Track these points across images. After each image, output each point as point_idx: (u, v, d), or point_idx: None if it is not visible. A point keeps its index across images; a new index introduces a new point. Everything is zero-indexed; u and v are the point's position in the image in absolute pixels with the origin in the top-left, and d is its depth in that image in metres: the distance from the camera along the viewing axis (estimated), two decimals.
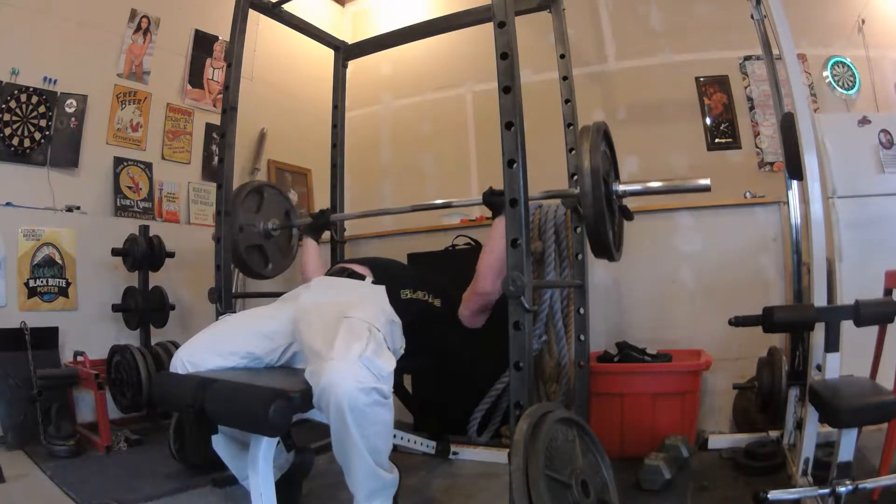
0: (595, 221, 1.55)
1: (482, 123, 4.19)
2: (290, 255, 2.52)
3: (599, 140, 1.60)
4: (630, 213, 1.78)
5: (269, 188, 2.43)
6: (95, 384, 2.50)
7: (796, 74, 1.72)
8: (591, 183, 1.53)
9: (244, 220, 2.28)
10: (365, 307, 1.55)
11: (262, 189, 2.40)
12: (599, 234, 1.57)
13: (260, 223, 2.36)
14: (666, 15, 3.80)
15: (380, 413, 1.32)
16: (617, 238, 1.74)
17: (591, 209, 1.53)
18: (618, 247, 1.74)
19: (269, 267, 2.39)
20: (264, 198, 2.38)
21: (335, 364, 1.29)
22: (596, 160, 1.55)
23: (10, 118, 2.88)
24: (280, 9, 2.44)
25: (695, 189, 1.65)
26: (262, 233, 2.36)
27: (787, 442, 2.07)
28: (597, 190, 1.53)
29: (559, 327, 2.39)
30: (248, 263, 2.29)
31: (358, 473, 1.36)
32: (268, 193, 2.40)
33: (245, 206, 2.30)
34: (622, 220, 1.84)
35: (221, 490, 1.98)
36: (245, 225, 2.28)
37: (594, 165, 1.54)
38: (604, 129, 1.68)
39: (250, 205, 2.35)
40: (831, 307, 1.62)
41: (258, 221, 2.36)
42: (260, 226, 2.35)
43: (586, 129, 1.63)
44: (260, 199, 2.37)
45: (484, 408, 2.42)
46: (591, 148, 1.56)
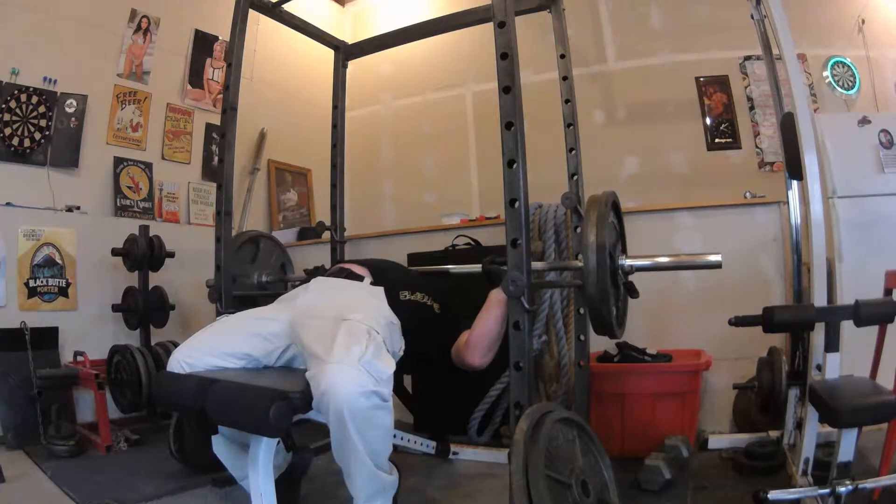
0: (599, 301, 1.45)
1: (482, 123, 4.19)
2: None
3: (608, 212, 1.51)
4: (636, 291, 1.65)
5: (265, 239, 2.37)
6: (95, 384, 2.50)
7: (796, 74, 1.72)
8: (597, 260, 1.44)
9: (237, 270, 2.21)
10: (364, 309, 1.54)
11: (258, 240, 2.34)
12: (602, 315, 1.47)
13: (254, 274, 2.29)
14: (666, 15, 3.80)
15: (380, 416, 1.31)
16: (620, 314, 1.65)
17: (594, 288, 1.43)
18: (620, 323, 1.64)
19: None
20: (260, 248, 2.32)
21: (334, 367, 1.28)
22: (602, 235, 1.45)
23: (10, 118, 2.88)
24: (280, 9, 2.44)
25: (705, 266, 1.58)
26: (255, 284, 2.29)
27: (787, 442, 2.07)
28: (602, 268, 1.43)
29: (559, 327, 2.39)
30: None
31: (358, 476, 1.36)
32: (264, 244, 2.34)
33: (240, 257, 2.24)
34: (626, 301, 1.73)
35: (221, 490, 1.98)
36: (238, 276, 2.21)
37: (600, 241, 1.44)
38: (613, 199, 1.59)
39: (245, 255, 2.29)
40: (831, 307, 1.62)
41: (252, 272, 2.29)
42: (254, 277, 2.29)
43: (594, 200, 1.54)
44: (256, 249, 2.31)
45: (484, 408, 2.41)
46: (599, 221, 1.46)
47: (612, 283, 1.49)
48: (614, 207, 1.63)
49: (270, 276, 2.34)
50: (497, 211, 3.11)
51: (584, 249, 1.46)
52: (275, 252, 2.39)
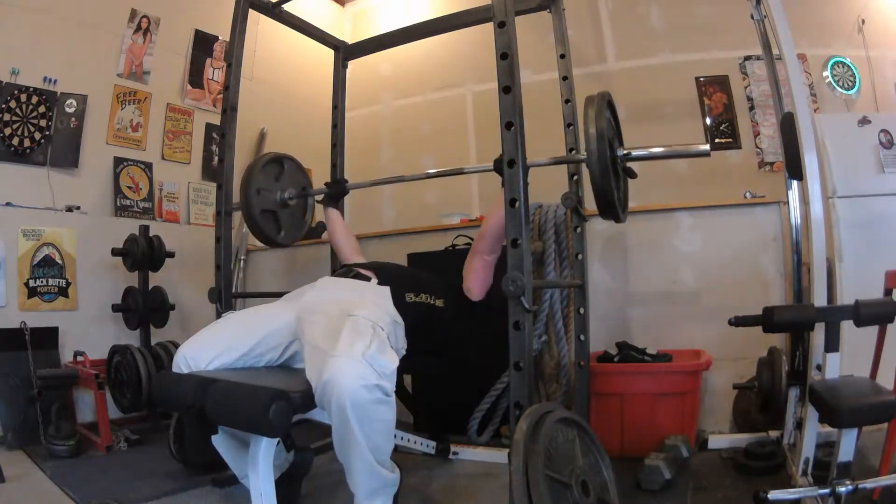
0: (601, 179, 1.55)
1: (482, 123, 4.19)
2: (303, 226, 2.51)
3: (604, 106, 1.62)
4: (633, 171, 1.78)
5: (289, 160, 2.42)
6: (95, 384, 2.50)
7: (796, 74, 1.72)
8: (597, 142, 1.54)
9: (262, 184, 2.27)
10: (369, 306, 1.56)
11: (282, 160, 2.39)
12: (606, 192, 1.58)
13: (277, 191, 2.36)
14: (666, 15, 3.80)
15: (382, 410, 1.32)
16: (622, 199, 1.76)
17: (597, 167, 1.54)
18: (623, 208, 1.76)
19: (282, 234, 2.39)
20: (284, 169, 2.38)
21: (338, 360, 1.30)
22: (601, 121, 1.57)
23: (10, 118, 2.89)
24: (280, 9, 2.44)
25: (695, 154, 1.69)
26: (278, 200, 2.36)
27: (787, 442, 2.07)
28: (602, 148, 1.54)
29: (559, 327, 2.39)
30: (261, 226, 2.27)
31: (358, 471, 1.36)
32: (288, 165, 2.40)
33: (264, 172, 2.30)
34: (626, 183, 1.85)
35: (221, 490, 1.98)
36: (262, 189, 2.27)
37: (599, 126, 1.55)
38: (608, 98, 1.70)
39: (269, 172, 2.34)
40: (831, 307, 1.62)
41: (276, 189, 2.35)
42: (277, 193, 2.35)
43: (591, 98, 1.64)
44: (280, 168, 2.37)
45: (484, 408, 2.41)
46: (597, 112, 1.58)
47: (612, 169, 1.59)
48: (609, 105, 1.70)
49: (293, 193, 2.40)
50: None
51: (585, 136, 1.56)
52: (297, 173, 2.45)
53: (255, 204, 2.24)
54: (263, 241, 2.38)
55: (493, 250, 1.87)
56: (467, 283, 1.92)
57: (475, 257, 1.90)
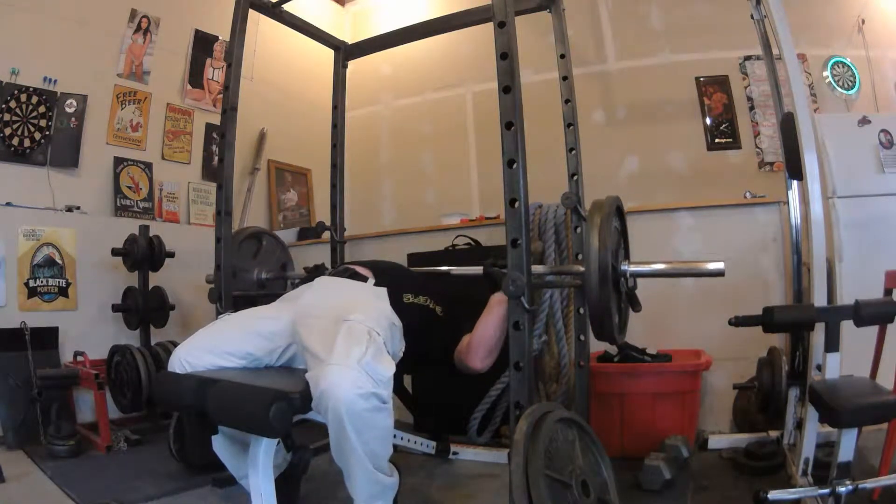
0: (600, 310, 1.43)
1: (482, 123, 4.19)
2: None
3: (611, 216, 1.49)
4: (638, 303, 1.63)
5: (267, 236, 2.35)
6: (95, 384, 2.50)
7: (796, 74, 1.72)
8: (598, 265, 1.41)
9: (239, 265, 2.20)
10: (365, 309, 1.54)
11: (260, 236, 2.33)
12: (603, 322, 1.46)
13: (255, 271, 2.29)
14: (666, 15, 3.80)
15: (378, 418, 1.31)
16: (622, 320, 1.63)
17: (595, 293, 1.41)
18: (621, 329, 1.62)
19: None
20: (262, 245, 2.31)
21: (334, 369, 1.28)
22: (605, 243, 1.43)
23: (10, 118, 2.88)
24: (280, 9, 2.44)
25: (707, 273, 1.53)
26: (255, 281, 2.29)
27: (787, 442, 2.07)
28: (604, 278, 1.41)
29: (559, 327, 2.38)
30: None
31: (357, 477, 1.35)
32: (266, 241, 2.33)
33: (241, 252, 2.24)
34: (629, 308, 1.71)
35: (221, 490, 1.98)
36: (239, 271, 2.20)
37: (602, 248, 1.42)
38: (617, 204, 1.57)
39: (246, 251, 2.28)
40: (831, 307, 1.62)
41: (253, 269, 2.29)
42: (254, 273, 2.28)
43: (598, 204, 1.51)
44: (258, 245, 2.30)
45: (484, 408, 2.41)
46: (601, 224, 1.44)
47: (614, 290, 1.48)
48: (618, 212, 1.61)
49: (271, 273, 2.32)
50: (497, 211, 3.11)
51: (585, 255, 1.45)
52: (276, 250, 2.39)
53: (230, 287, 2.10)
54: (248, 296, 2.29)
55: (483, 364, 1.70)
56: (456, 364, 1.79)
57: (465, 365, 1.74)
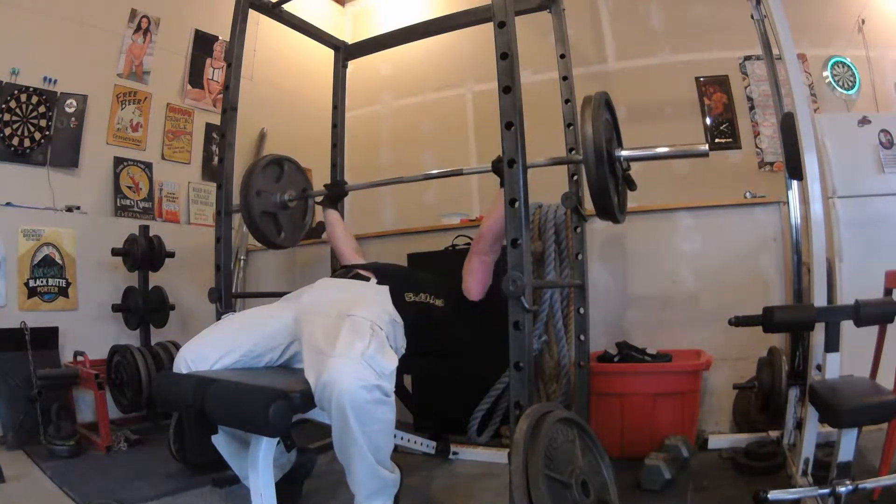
0: (598, 179, 1.53)
1: (482, 123, 4.18)
2: (303, 228, 2.51)
3: (602, 106, 1.61)
4: (634, 183, 1.76)
5: (289, 162, 2.42)
6: (95, 384, 2.50)
7: (796, 74, 1.72)
8: (594, 141, 1.51)
9: (262, 186, 2.27)
10: (368, 306, 1.56)
11: (282, 162, 2.39)
12: (602, 193, 1.56)
13: (277, 193, 2.36)
14: (666, 15, 3.80)
15: (381, 411, 1.32)
16: (621, 202, 1.75)
17: (593, 167, 1.51)
18: (621, 209, 1.74)
19: (282, 236, 2.39)
20: (284, 170, 2.38)
21: (337, 361, 1.29)
22: (598, 121, 1.55)
23: (10, 118, 2.88)
24: (280, 9, 2.44)
25: (694, 154, 1.67)
26: (278, 202, 2.36)
27: (787, 442, 2.07)
28: (598, 148, 1.51)
29: (559, 327, 2.39)
30: (261, 228, 2.28)
31: (359, 472, 1.36)
32: (288, 167, 2.40)
33: (265, 174, 2.31)
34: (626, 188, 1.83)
35: (221, 490, 1.97)
36: (262, 191, 2.27)
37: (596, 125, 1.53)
38: (605, 98, 1.68)
39: (269, 174, 2.35)
40: (831, 307, 1.62)
41: (276, 191, 2.36)
42: (277, 195, 2.36)
43: (588, 98, 1.62)
44: (280, 170, 2.38)
45: (484, 408, 2.41)
46: (594, 112, 1.55)
47: (610, 173, 1.57)
48: (608, 106, 1.69)
49: (293, 195, 2.40)
50: None
51: (582, 142, 1.53)
52: (297, 175, 2.46)
53: (255, 206, 2.24)
54: (264, 242, 2.38)
55: (491, 251, 1.86)
56: (466, 283, 1.91)
57: (473, 258, 1.90)
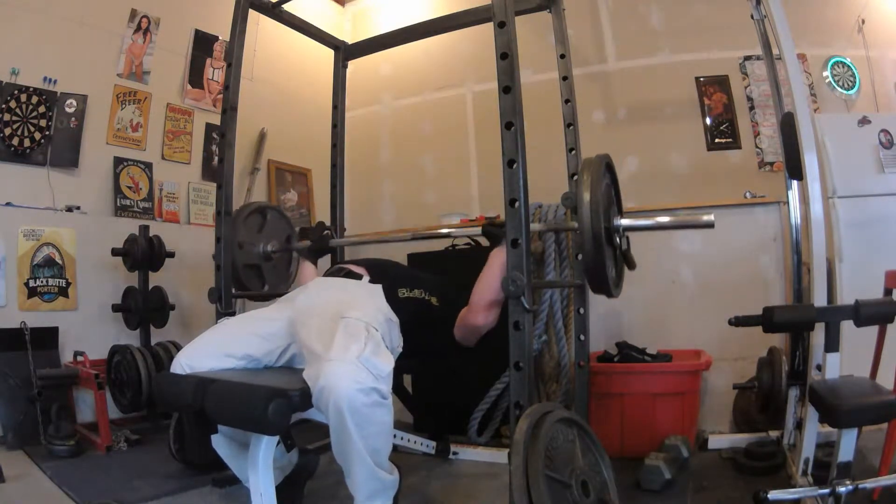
0: (594, 260, 1.46)
1: (482, 123, 4.18)
2: (287, 279, 2.48)
3: (602, 172, 1.54)
4: (633, 262, 1.66)
5: (272, 210, 2.40)
6: (95, 384, 2.50)
7: (796, 74, 1.72)
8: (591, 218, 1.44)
9: (245, 237, 2.24)
10: (362, 306, 1.55)
11: (265, 210, 2.36)
12: (598, 273, 1.49)
13: (260, 244, 2.33)
14: (666, 15, 3.80)
15: (379, 413, 1.32)
16: (618, 274, 1.66)
17: (590, 246, 1.45)
18: (617, 284, 1.64)
19: (265, 288, 2.37)
20: (267, 219, 2.35)
21: (333, 365, 1.29)
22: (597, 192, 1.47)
23: (10, 118, 2.88)
24: (280, 9, 2.44)
25: (698, 225, 1.57)
26: (261, 254, 2.32)
27: (787, 442, 2.07)
28: (597, 228, 1.44)
29: (559, 327, 2.39)
30: (244, 282, 2.27)
31: (358, 474, 1.36)
32: (271, 215, 2.37)
33: (247, 225, 2.27)
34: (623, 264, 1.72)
35: (221, 490, 1.97)
36: (245, 243, 2.24)
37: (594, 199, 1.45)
38: (606, 161, 1.62)
39: (252, 224, 2.32)
40: (831, 307, 1.62)
41: (259, 242, 2.33)
42: (260, 246, 2.33)
43: (588, 162, 1.56)
44: (262, 219, 2.34)
45: (484, 408, 2.42)
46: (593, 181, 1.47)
47: (608, 244, 1.51)
48: (608, 169, 1.65)
49: (276, 246, 2.37)
50: (497, 211, 3.11)
51: (579, 211, 1.48)
52: (280, 223, 2.43)
53: (238, 259, 2.19)
54: (245, 296, 2.35)
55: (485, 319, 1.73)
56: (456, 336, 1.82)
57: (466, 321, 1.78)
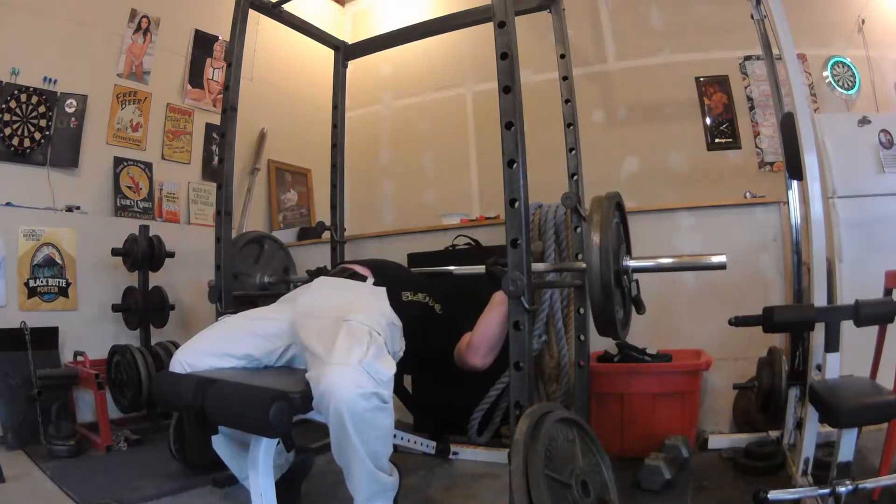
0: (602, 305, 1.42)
1: (482, 123, 4.19)
2: None
3: (612, 212, 1.50)
4: (642, 306, 1.62)
5: (269, 240, 2.34)
6: (95, 384, 2.50)
7: (796, 74, 1.71)
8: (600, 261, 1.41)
9: (241, 268, 2.19)
10: (365, 309, 1.54)
11: (262, 241, 2.32)
12: (606, 317, 1.46)
13: (257, 275, 2.28)
14: (666, 15, 3.80)
15: (379, 418, 1.31)
16: (625, 315, 1.62)
17: (598, 289, 1.41)
18: (624, 325, 1.60)
19: None
20: (264, 249, 2.30)
21: (335, 369, 1.29)
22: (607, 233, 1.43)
23: (10, 118, 2.89)
24: (280, 9, 2.44)
25: (709, 267, 1.55)
26: (257, 285, 2.28)
27: (787, 442, 2.07)
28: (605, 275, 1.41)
29: (559, 327, 2.39)
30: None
31: (357, 476, 1.35)
32: (268, 245, 2.32)
33: (243, 255, 2.22)
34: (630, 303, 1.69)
35: (221, 490, 1.97)
36: (241, 275, 2.19)
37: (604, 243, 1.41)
38: (617, 200, 1.58)
39: (248, 254, 2.27)
40: (831, 307, 1.62)
41: (255, 273, 2.28)
42: (256, 277, 2.27)
43: (598, 201, 1.53)
44: (259, 249, 2.29)
45: (484, 408, 2.41)
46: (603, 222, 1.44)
47: (616, 285, 1.48)
48: (618, 208, 1.62)
49: (273, 277, 2.31)
50: (497, 211, 3.11)
51: (587, 253, 1.44)
52: (278, 253, 2.37)
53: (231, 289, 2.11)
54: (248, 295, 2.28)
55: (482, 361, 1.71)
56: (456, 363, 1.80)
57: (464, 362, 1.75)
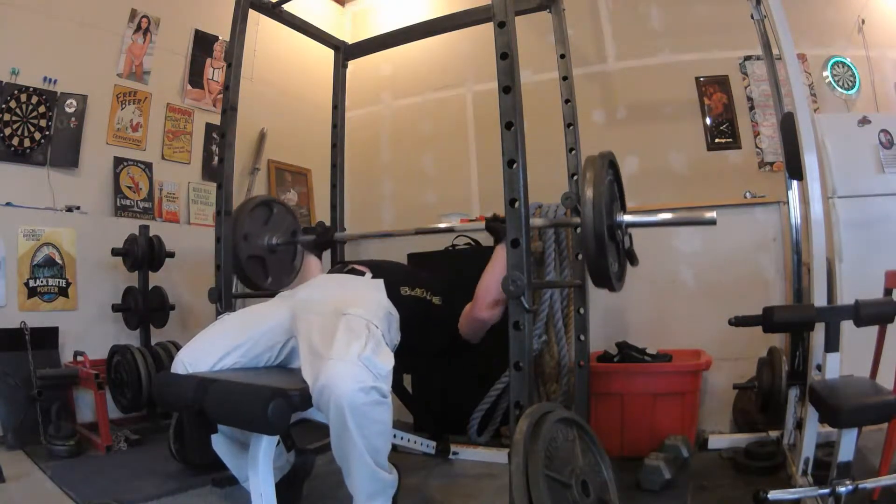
0: (596, 254, 1.48)
1: (482, 123, 4.18)
2: (291, 272, 2.46)
3: (605, 169, 1.55)
4: (636, 258, 1.70)
5: (278, 204, 2.38)
6: (95, 384, 2.49)
7: (796, 74, 1.72)
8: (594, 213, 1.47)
9: (250, 229, 2.24)
10: (363, 302, 1.56)
11: (271, 203, 2.36)
12: (600, 267, 1.51)
13: (265, 236, 2.33)
14: (666, 15, 3.80)
15: (379, 412, 1.32)
16: (620, 269, 1.68)
17: (592, 241, 1.47)
18: (620, 277, 1.67)
19: (269, 280, 2.36)
20: (273, 212, 2.35)
21: (334, 364, 1.29)
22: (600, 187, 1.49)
23: (10, 118, 2.88)
24: (280, 9, 2.44)
25: (701, 222, 1.61)
26: (266, 246, 2.32)
27: (787, 442, 2.07)
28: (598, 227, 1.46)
29: (559, 327, 2.39)
30: (247, 273, 2.25)
31: (357, 474, 1.36)
32: (277, 209, 2.36)
33: (252, 217, 2.27)
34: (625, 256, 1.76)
35: (221, 490, 1.98)
36: (250, 235, 2.24)
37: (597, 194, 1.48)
38: (609, 158, 1.63)
39: (258, 217, 2.32)
40: (831, 307, 1.62)
41: (264, 234, 2.32)
42: (265, 239, 2.32)
43: (591, 159, 1.58)
44: (269, 212, 2.33)
45: (484, 408, 2.41)
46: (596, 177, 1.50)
47: (610, 238, 1.53)
48: (612, 166, 1.65)
49: (282, 238, 2.36)
50: (497, 210, 3.10)
51: (582, 207, 1.50)
52: (286, 217, 2.42)
53: (242, 250, 2.18)
54: (250, 287, 2.32)
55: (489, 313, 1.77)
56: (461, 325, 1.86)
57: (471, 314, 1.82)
